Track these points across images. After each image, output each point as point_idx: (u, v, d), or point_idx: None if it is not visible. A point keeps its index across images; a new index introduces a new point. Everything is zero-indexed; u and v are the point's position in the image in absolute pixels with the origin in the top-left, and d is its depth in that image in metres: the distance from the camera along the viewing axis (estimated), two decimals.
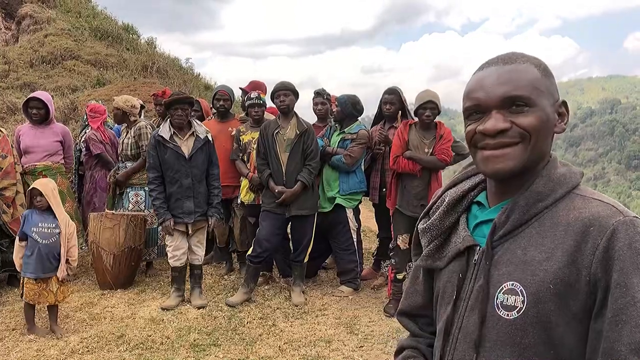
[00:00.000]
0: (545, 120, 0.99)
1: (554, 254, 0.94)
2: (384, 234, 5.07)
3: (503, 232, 1.01)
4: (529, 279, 0.95)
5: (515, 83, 0.99)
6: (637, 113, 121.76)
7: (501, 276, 0.98)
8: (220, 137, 4.97)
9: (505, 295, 0.97)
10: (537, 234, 0.97)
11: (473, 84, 1.04)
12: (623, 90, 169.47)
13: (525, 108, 0.98)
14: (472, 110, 1.03)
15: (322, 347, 3.62)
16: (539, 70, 1.02)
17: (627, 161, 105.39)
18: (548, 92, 1.01)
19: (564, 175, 1.01)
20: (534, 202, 0.99)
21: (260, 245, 4.47)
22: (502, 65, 1.02)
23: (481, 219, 1.08)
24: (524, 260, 0.97)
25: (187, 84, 12.04)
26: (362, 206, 5.20)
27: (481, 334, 0.99)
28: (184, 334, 3.86)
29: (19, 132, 5.24)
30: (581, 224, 0.94)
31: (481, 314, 0.99)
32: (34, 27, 12.68)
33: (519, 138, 0.98)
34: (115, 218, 4.84)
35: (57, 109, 8.76)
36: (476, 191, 1.13)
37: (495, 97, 0.99)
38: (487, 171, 1.02)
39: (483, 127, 1.00)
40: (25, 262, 3.83)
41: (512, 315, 0.95)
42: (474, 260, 1.05)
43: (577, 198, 0.99)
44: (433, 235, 1.14)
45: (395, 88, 4.85)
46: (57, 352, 3.58)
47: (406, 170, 4.28)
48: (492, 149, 1.00)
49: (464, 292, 1.05)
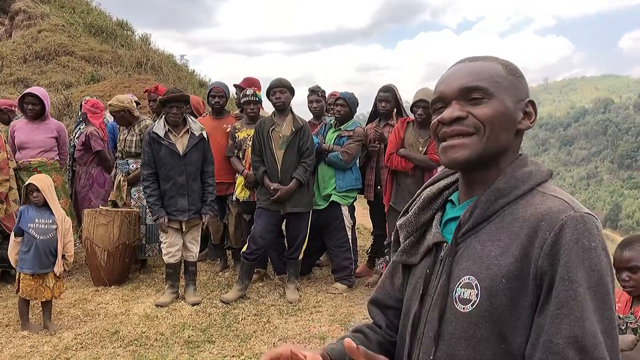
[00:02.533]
0: (503, 113, 1.01)
1: (509, 249, 0.95)
2: (379, 231, 5.09)
3: (466, 228, 1.02)
4: (483, 273, 0.96)
5: (476, 76, 1.02)
6: (629, 113, 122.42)
7: (460, 271, 1.00)
8: (215, 134, 4.97)
9: (462, 289, 0.98)
10: (496, 230, 0.99)
11: (440, 79, 1.08)
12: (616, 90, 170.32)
13: (483, 100, 1.01)
14: (436, 102, 1.07)
15: (317, 344, 3.64)
16: (504, 68, 1.04)
17: (620, 160, 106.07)
18: (512, 88, 1.03)
19: (529, 172, 1.03)
20: (495, 198, 1.01)
21: (255, 242, 4.48)
22: (468, 63, 1.07)
23: (450, 216, 1.11)
24: (481, 255, 0.98)
25: (182, 81, 11.99)
26: (356, 203, 5.21)
27: (440, 328, 1.00)
28: (178, 330, 3.86)
29: (13, 127, 5.22)
30: (534, 219, 0.95)
31: (440, 308, 1.01)
32: (28, 23, 12.59)
33: (473, 129, 1.01)
34: (109, 214, 4.83)
35: (51, 105, 8.71)
36: (451, 190, 1.16)
37: (454, 88, 1.03)
38: (444, 161, 1.05)
39: (440, 116, 1.04)
40: (21, 257, 3.82)
41: (467, 308, 0.97)
42: (441, 256, 1.07)
43: (538, 195, 1.00)
44: (409, 231, 1.16)
45: (390, 86, 4.87)
46: (50, 348, 3.58)
47: (399, 168, 4.30)
48: (449, 139, 1.03)
49: (430, 288, 1.07)
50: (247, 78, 5.62)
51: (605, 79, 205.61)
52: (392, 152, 4.32)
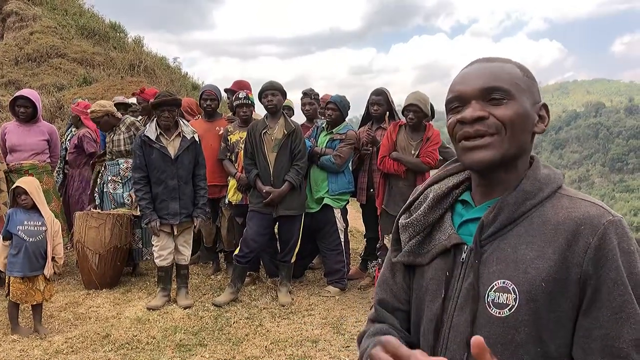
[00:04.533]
0: (523, 115, 1.00)
1: (545, 252, 0.95)
2: (371, 234, 5.09)
3: (492, 230, 1.01)
4: (521, 277, 0.95)
5: (496, 76, 1.01)
6: (620, 117, 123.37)
7: (491, 274, 0.99)
8: (208, 137, 4.96)
9: (496, 293, 0.97)
10: (527, 233, 0.98)
11: (456, 79, 1.07)
12: (607, 94, 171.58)
13: (503, 100, 1.00)
14: (453, 101, 1.05)
15: (309, 347, 3.63)
16: (521, 71, 1.04)
17: (611, 164, 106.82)
18: (529, 91, 1.03)
19: (548, 175, 1.03)
20: (522, 200, 1.00)
21: (247, 245, 4.47)
22: (485, 63, 1.05)
23: (467, 217, 1.09)
24: (514, 258, 0.97)
25: (175, 84, 11.99)
26: (349, 206, 5.21)
27: (472, 332, 0.98)
28: (170, 334, 3.84)
29: (4, 129, 5.18)
30: (572, 223, 0.95)
31: (472, 313, 0.99)
32: (20, 25, 12.53)
33: (494, 129, 0.99)
34: (101, 217, 4.80)
35: (42, 107, 8.67)
36: (460, 189, 1.14)
37: (475, 88, 1.01)
38: (468, 161, 1.03)
39: (461, 116, 1.02)
40: (10, 261, 3.78)
41: (503, 313, 0.96)
42: (462, 258, 1.05)
43: (564, 198, 1.00)
44: (416, 230, 1.13)
45: (382, 89, 4.88)
46: (41, 352, 3.55)
47: (391, 171, 4.31)
48: (471, 139, 1.01)
49: (451, 291, 1.05)
50: (237, 81, 5.62)
51: (596, 82, 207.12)
52: (384, 155, 4.33)
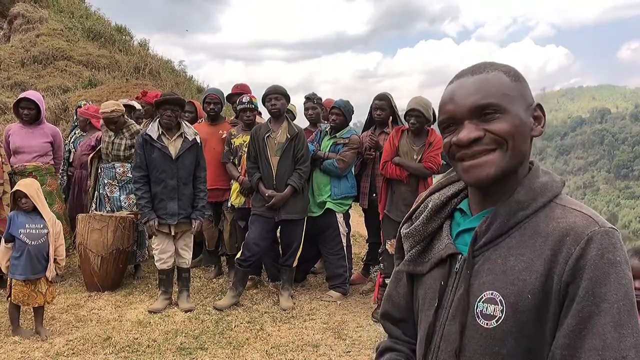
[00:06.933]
0: (519, 125, 0.99)
1: (534, 264, 0.94)
2: (374, 238, 5.08)
3: (484, 241, 1.00)
4: (508, 289, 0.95)
5: (484, 92, 0.99)
6: (626, 123, 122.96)
7: (481, 285, 0.98)
8: (211, 140, 4.97)
9: (485, 304, 0.97)
10: (518, 244, 0.97)
11: (444, 97, 1.05)
12: (613, 100, 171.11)
13: (496, 115, 0.98)
14: (446, 123, 1.04)
15: (310, 352, 3.62)
16: (509, 77, 1.02)
17: (616, 170, 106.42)
18: (520, 96, 1.01)
19: (545, 184, 1.01)
20: (515, 211, 0.99)
21: (250, 248, 4.47)
22: (470, 76, 1.03)
23: (463, 227, 1.08)
24: (503, 269, 0.97)
25: (180, 86, 12.01)
26: (352, 211, 5.20)
27: (461, 342, 0.99)
28: (171, 337, 3.84)
29: (8, 131, 5.20)
30: (558, 234, 0.94)
31: (461, 323, 0.99)
32: (26, 27, 12.59)
33: (494, 145, 0.98)
34: (103, 219, 4.80)
35: (47, 109, 8.71)
36: (459, 197, 1.13)
37: (465, 108, 1.00)
38: (469, 181, 1.02)
39: (457, 139, 1.01)
40: (13, 263, 3.78)
41: (491, 324, 0.96)
42: (456, 268, 1.05)
43: (558, 208, 0.99)
44: (415, 240, 1.13)
45: (385, 94, 4.87)
46: (42, 354, 3.55)
47: (394, 176, 4.30)
48: (470, 159, 1.00)
49: (445, 300, 1.05)
50: (237, 85, 5.64)
51: (602, 88, 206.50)
52: (386, 160, 4.33)
